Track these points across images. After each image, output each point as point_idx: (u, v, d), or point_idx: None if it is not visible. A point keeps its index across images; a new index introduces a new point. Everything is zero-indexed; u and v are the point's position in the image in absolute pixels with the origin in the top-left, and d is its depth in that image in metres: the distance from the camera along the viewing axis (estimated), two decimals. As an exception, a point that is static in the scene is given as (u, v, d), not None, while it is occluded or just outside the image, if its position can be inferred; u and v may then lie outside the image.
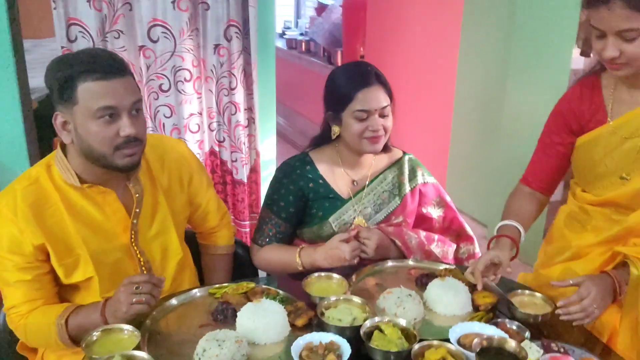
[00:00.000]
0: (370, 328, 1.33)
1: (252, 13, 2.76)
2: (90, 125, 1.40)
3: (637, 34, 1.37)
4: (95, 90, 1.38)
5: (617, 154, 1.56)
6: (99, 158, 1.44)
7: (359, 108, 1.73)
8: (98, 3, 2.51)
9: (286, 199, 1.84)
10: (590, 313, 1.41)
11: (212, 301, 1.52)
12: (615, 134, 1.56)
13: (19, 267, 1.45)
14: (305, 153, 1.91)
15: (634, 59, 1.41)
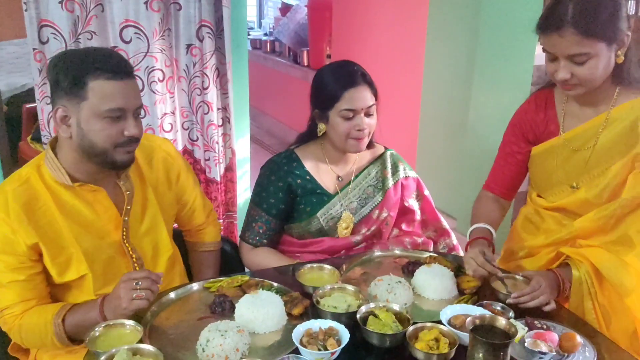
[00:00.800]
0: (365, 313, 1.39)
1: (226, 13, 2.78)
2: (95, 123, 1.43)
3: (587, 58, 1.46)
4: (107, 89, 1.41)
5: (568, 165, 1.66)
6: (98, 154, 1.47)
7: (346, 107, 1.78)
8: (70, 4, 2.49)
9: (276, 196, 1.88)
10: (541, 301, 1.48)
11: (208, 295, 1.55)
12: (566, 146, 1.66)
13: (12, 268, 1.45)
14: (291, 150, 1.95)
15: (584, 81, 1.50)
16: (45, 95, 2.59)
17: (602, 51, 1.46)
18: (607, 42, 1.46)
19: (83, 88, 1.40)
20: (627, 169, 1.56)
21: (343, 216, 1.88)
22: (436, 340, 1.31)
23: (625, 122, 1.56)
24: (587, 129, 1.62)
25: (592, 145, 1.61)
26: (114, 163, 1.49)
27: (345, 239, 1.87)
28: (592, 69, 1.47)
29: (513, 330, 1.22)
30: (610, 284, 1.55)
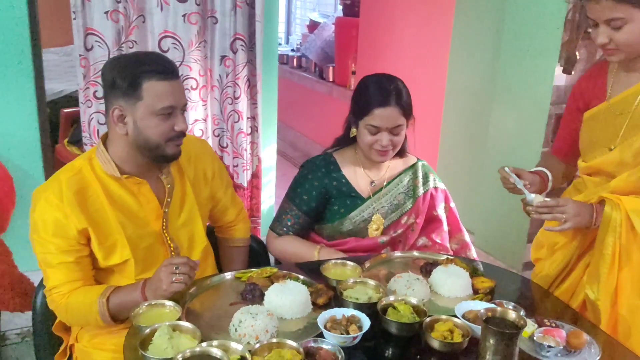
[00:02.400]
0: (385, 305, 1.50)
1: (259, 27, 2.94)
2: (151, 120, 1.58)
3: (623, 23, 1.55)
4: (160, 89, 1.56)
5: (608, 128, 1.74)
6: (152, 148, 1.62)
7: (372, 123, 1.89)
8: (115, 15, 2.67)
9: (309, 193, 2.00)
10: (557, 217, 1.64)
11: (239, 283, 1.67)
12: (610, 111, 1.74)
13: (62, 250, 1.58)
14: (329, 153, 2.07)
15: (623, 45, 1.59)
16: (88, 99, 2.76)
17: (638, 17, 1.54)
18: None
19: (138, 89, 1.55)
20: None
21: (374, 218, 1.99)
22: (450, 332, 1.41)
23: None
24: (630, 94, 1.70)
25: (632, 109, 1.68)
26: (165, 156, 1.64)
27: (371, 239, 1.98)
28: (629, 34, 1.56)
29: (522, 322, 1.31)
30: (635, 227, 1.62)
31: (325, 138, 6.02)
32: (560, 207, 1.64)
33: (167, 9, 2.74)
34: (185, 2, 2.76)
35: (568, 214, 1.63)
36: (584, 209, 1.68)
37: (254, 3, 2.92)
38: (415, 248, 2.06)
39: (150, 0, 2.71)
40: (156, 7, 2.72)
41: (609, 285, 1.68)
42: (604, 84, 1.79)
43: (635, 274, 1.65)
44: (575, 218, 1.65)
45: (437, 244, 2.07)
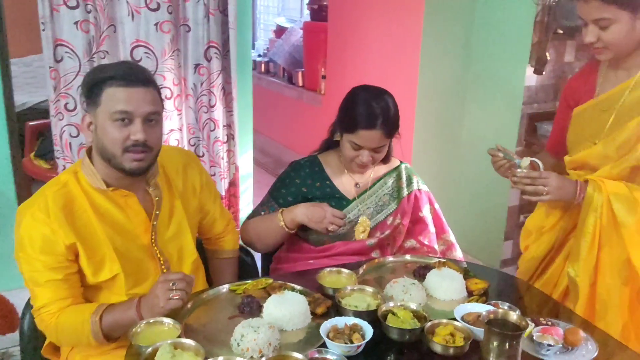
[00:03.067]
0: (385, 312, 1.50)
1: (232, 35, 2.91)
2: (107, 126, 1.54)
3: (609, 23, 1.61)
4: (117, 95, 1.53)
5: (594, 124, 1.79)
6: (110, 158, 1.57)
7: (355, 141, 1.90)
8: (85, 25, 2.61)
9: (288, 189, 2.03)
10: (539, 190, 1.70)
11: (235, 296, 1.65)
12: (597, 107, 1.79)
13: (50, 267, 1.54)
14: (314, 156, 2.10)
15: (610, 44, 1.65)
16: (59, 112, 2.69)
17: (624, 18, 1.60)
18: (630, 10, 1.60)
19: (99, 96, 1.53)
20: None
21: (360, 220, 1.99)
22: (452, 335, 1.42)
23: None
24: (616, 91, 1.75)
25: (618, 106, 1.73)
26: (123, 169, 1.58)
27: (359, 242, 1.98)
28: (615, 34, 1.62)
29: (524, 323, 1.33)
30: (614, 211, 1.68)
31: (297, 143, 6.03)
32: (543, 179, 1.70)
33: (139, 18, 2.69)
34: (157, 10, 2.71)
35: (550, 186, 1.70)
36: (567, 183, 1.74)
37: (226, 10, 2.89)
38: (403, 250, 2.07)
39: (121, 10, 2.66)
40: (127, 16, 2.68)
41: (589, 264, 1.74)
42: (594, 82, 1.84)
43: (614, 254, 1.71)
44: (557, 191, 1.71)
45: (425, 246, 2.08)
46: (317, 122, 5.15)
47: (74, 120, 2.71)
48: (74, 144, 2.75)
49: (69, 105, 2.69)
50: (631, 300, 1.74)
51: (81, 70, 2.66)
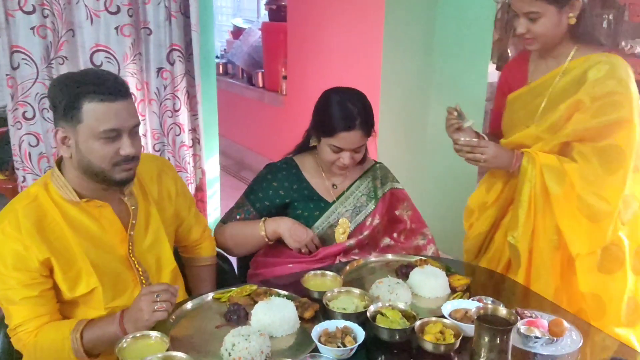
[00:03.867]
0: (374, 313, 1.49)
1: (195, 37, 2.86)
2: (92, 144, 1.48)
3: (538, 16, 1.75)
4: (101, 111, 1.46)
5: (528, 108, 1.93)
6: (97, 173, 1.52)
7: (335, 144, 1.89)
8: (42, 30, 2.51)
9: (265, 193, 2.00)
10: (477, 157, 1.86)
11: (220, 305, 1.62)
12: (530, 93, 1.93)
13: (25, 284, 1.48)
14: (290, 158, 2.07)
15: (538, 35, 1.79)
16: (17, 121, 2.58)
17: (552, 12, 1.75)
18: (557, 5, 1.74)
19: (79, 111, 1.46)
20: (572, 109, 1.80)
21: (340, 222, 1.99)
22: (441, 333, 1.43)
23: (578, 71, 1.82)
24: (547, 78, 1.89)
25: (548, 92, 1.87)
26: (113, 181, 1.54)
27: (340, 244, 1.97)
28: (543, 26, 1.76)
29: (513, 318, 1.35)
30: (546, 181, 1.82)
31: (259, 144, 5.98)
32: (482, 148, 1.85)
33: (98, 21, 2.61)
34: (117, 13, 2.64)
35: (487, 154, 1.85)
36: (504, 152, 1.88)
37: (188, 12, 2.84)
38: (380, 249, 2.07)
39: (79, 14, 2.57)
40: (86, 20, 2.59)
41: (527, 230, 1.87)
42: (526, 71, 1.99)
43: (546, 221, 1.85)
44: (494, 159, 1.86)
45: (400, 243, 2.09)
46: (279, 122, 5.13)
47: (33, 129, 2.61)
48: (34, 154, 2.65)
49: (27, 113, 2.59)
50: (562, 265, 1.87)
51: (39, 77, 2.57)
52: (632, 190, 1.81)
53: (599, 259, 1.82)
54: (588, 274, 1.82)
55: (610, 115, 1.75)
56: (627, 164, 1.77)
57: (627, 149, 1.76)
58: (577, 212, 1.80)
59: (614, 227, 1.80)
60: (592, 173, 1.78)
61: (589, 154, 1.79)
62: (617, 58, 1.80)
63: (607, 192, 1.78)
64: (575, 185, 1.79)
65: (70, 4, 2.55)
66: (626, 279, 1.84)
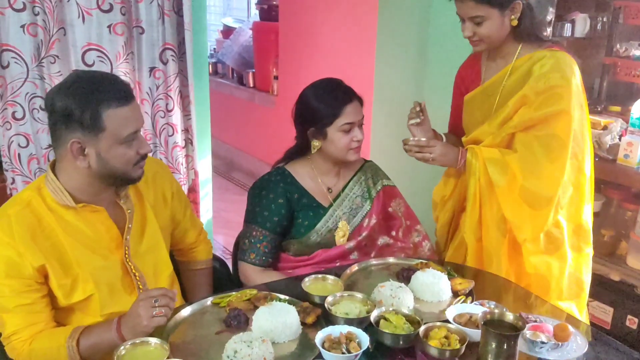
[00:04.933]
0: (377, 318, 1.47)
1: (188, 36, 2.82)
2: (116, 150, 1.48)
3: (483, 20, 1.83)
4: (122, 116, 1.46)
5: (483, 108, 2.03)
6: (118, 175, 1.53)
7: (346, 121, 1.90)
8: (33, 28, 2.46)
9: (278, 214, 1.93)
10: (425, 156, 1.95)
11: (219, 310, 1.58)
12: (484, 93, 2.02)
13: (18, 292, 1.45)
14: (281, 167, 2.01)
15: (484, 37, 1.87)
16: (6, 121, 2.53)
17: (495, 15, 1.83)
18: (499, 7, 1.83)
19: (99, 119, 1.43)
20: (519, 103, 1.89)
21: (340, 225, 1.96)
22: (446, 338, 1.41)
23: (524, 68, 1.90)
24: (497, 77, 1.98)
25: (500, 90, 1.97)
26: (131, 180, 1.56)
27: (339, 247, 1.95)
28: (488, 29, 1.85)
29: (520, 324, 1.33)
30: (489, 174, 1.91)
31: (249, 144, 5.93)
32: (430, 148, 1.95)
33: (90, 20, 2.56)
34: (110, 12, 2.59)
35: (435, 153, 1.95)
36: (450, 150, 1.97)
37: (181, 11, 2.79)
38: (377, 248, 2.04)
39: (71, 12, 2.52)
40: (77, 18, 2.54)
41: (473, 221, 1.98)
42: (479, 72, 2.09)
43: (493, 211, 1.94)
44: (441, 157, 1.96)
45: (399, 240, 2.06)
46: (270, 123, 5.09)
47: (23, 129, 2.56)
48: (24, 155, 2.60)
49: (17, 113, 2.54)
50: (509, 250, 1.97)
51: (29, 77, 2.51)
52: (569, 176, 1.91)
53: (542, 243, 1.94)
54: (533, 256, 1.94)
55: (551, 107, 1.84)
56: (565, 152, 1.87)
57: (566, 138, 1.86)
58: (521, 200, 1.89)
59: (555, 211, 1.90)
60: (533, 162, 1.87)
61: (531, 143, 1.88)
62: (561, 53, 1.89)
63: (547, 179, 1.88)
64: (517, 176, 1.88)
65: (62, 1, 2.49)
66: (566, 257, 1.97)
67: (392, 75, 3.67)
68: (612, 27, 2.94)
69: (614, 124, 2.69)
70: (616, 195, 2.82)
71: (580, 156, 1.92)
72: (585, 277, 2.04)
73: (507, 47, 1.95)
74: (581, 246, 2.01)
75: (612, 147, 2.66)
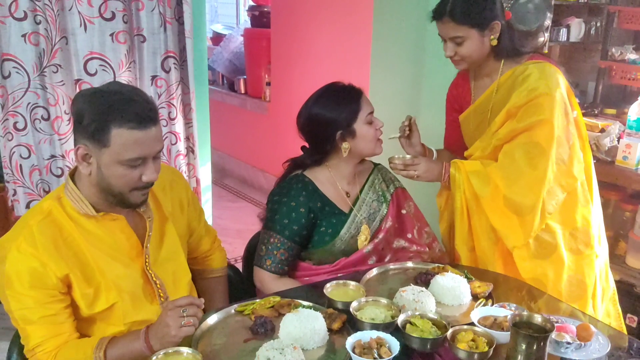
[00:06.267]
0: (403, 322, 1.48)
1: (189, 44, 2.81)
2: (116, 168, 1.45)
3: (463, 40, 1.91)
4: (129, 139, 1.42)
5: (480, 126, 2.09)
6: (115, 195, 1.50)
7: (368, 111, 1.95)
8: (35, 37, 2.44)
9: (298, 223, 1.90)
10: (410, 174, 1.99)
11: (243, 318, 1.58)
12: (477, 111, 2.10)
13: (42, 303, 1.43)
14: (301, 174, 1.98)
15: (465, 57, 1.94)
16: (8, 132, 2.50)
17: (474, 35, 1.90)
18: (478, 28, 1.90)
19: (106, 135, 1.41)
20: (505, 118, 1.96)
21: (362, 229, 1.96)
22: (473, 341, 1.42)
23: (508, 84, 1.98)
24: (486, 96, 2.05)
25: (490, 107, 2.04)
26: (128, 204, 1.53)
27: (358, 252, 1.94)
28: (468, 49, 1.92)
29: (549, 326, 1.35)
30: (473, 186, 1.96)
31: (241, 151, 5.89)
32: (414, 165, 1.99)
33: (92, 28, 2.55)
34: (112, 20, 2.58)
35: (419, 170, 1.99)
36: (434, 166, 2.02)
37: (182, 19, 2.79)
38: (393, 251, 2.05)
39: (73, 20, 2.50)
40: (79, 27, 2.52)
41: (463, 233, 2.03)
42: (469, 90, 2.15)
43: (482, 221, 1.99)
44: (425, 174, 2.00)
45: (415, 243, 2.07)
46: (263, 129, 5.09)
47: (25, 140, 2.54)
48: (25, 166, 2.58)
49: (19, 124, 2.52)
50: (503, 255, 2.00)
51: (30, 87, 2.49)
52: (558, 181, 1.94)
53: (532, 248, 1.97)
54: (526, 262, 1.97)
55: (533, 117, 1.89)
56: (546, 159, 1.90)
57: (547, 146, 1.90)
58: (505, 209, 1.94)
59: (542, 217, 1.93)
60: (514, 169, 1.92)
61: (513, 151, 1.93)
62: (543, 64, 1.96)
63: (528, 186, 1.92)
64: (500, 185, 1.93)
65: (64, 10, 2.48)
66: (562, 261, 1.99)
67: (388, 83, 3.68)
68: (607, 32, 3.00)
69: (612, 126, 2.74)
70: (615, 196, 2.87)
71: (569, 161, 1.95)
72: (589, 280, 2.04)
73: (490, 66, 2.01)
74: (580, 249, 2.02)
75: (610, 149, 2.70)
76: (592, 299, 2.07)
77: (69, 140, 2.56)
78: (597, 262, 2.07)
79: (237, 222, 4.58)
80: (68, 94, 2.57)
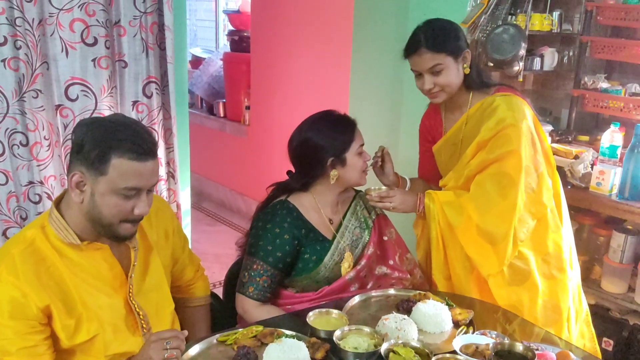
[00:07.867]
0: (386, 351, 1.49)
1: (170, 69, 2.82)
2: (110, 198, 1.45)
3: (441, 68, 1.94)
4: (129, 170, 1.44)
5: (452, 157, 2.15)
6: (104, 225, 1.49)
7: (360, 143, 1.99)
8: (14, 62, 2.43)
9: (282, 249, 1.89)
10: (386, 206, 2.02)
11: (226, 348, 1.58)
12: (448, 143, 2.16)
13: (22, 334, 1.42)
14: (285, 201, 1.98)
15: (444, 86, 1.97)
16: (-11, 159, 2.47)
17: (451, 63, 1.95)
18: (453, 56, 1.95)
19: (106, 164, 1.42)
20: (475, 149, 2.02)
21: (345, 256, 1.98)
22: (456, 369, 1.44)
23: (477, 116, 2.04)
24: (456, 129, 2.11)
25: (460, 139, 2.10)
26: (116, 236, 1.53)
27: (341, 280, 1.95)
28: (447, 77, 1.96)
29: (530, 355, 1.38)
30: (447, 216, 2.01)
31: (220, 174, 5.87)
32: (389, 197, 2.02)
33: (74, 53, 2.54)
34: (95, 45, 2.58)
35: (395, 202, 2.02)
36: (409, 197, 2.06)
37: (164, 44, 2.80)
38: (375, 278, 2.06)
39: (54, 46, 2.50)
40: (61, 52, 2.52)
41: (439, 262, 2.07)
42: (441, 121, 2.21)
43: (457, 250, 2.03)
44: (401, 205, 2.03)
45: (397, 269, 2.08)
46: (242, 153, 5.10)
47: (2, 166, 2.50)
48: (2, 193, 2.53)
49: (-3, 151, 2.49)
50: (479, 284, 2.04)
51: (9, 112, 2.47)
52: (528, 209, 2.00)
53: (507, 275, 2.01)
54: (502, 289, 2.01)
55: (501, 149, 1.95)
56: (515, 189, 1.96)
57: (516, 176, 1.96)
58: (479, 238, 1.98)
59: (514, 245, 1.98)
60: (485, 199, 1.97)
61: (484, 181, 1.98)
62: (509, 97, 2.02)
63: (500, 215, 1.97)
64: (472, 216, 1.97)
65: (45, 35, 2.48)
66: (536, 286, 2.03)
67: (367, 111, 3.71)
68: (580, 61, 3.09)
69: (586, 153, 2.80)
70: (589, 221, 2.93)
71: (538, 189, 2.01)
72: (563, 304, 2.09)
73: (460, 98, 2.06)
74: (553, 274, 2.07)
75: (584, 176, 2.76)
76: (567, 321, 2.11)
77: (48, 166, 2.54)
78: (570, 285, 2.12)
79: (216, 246, 4.55)
80: (48, 119, 2.55)
